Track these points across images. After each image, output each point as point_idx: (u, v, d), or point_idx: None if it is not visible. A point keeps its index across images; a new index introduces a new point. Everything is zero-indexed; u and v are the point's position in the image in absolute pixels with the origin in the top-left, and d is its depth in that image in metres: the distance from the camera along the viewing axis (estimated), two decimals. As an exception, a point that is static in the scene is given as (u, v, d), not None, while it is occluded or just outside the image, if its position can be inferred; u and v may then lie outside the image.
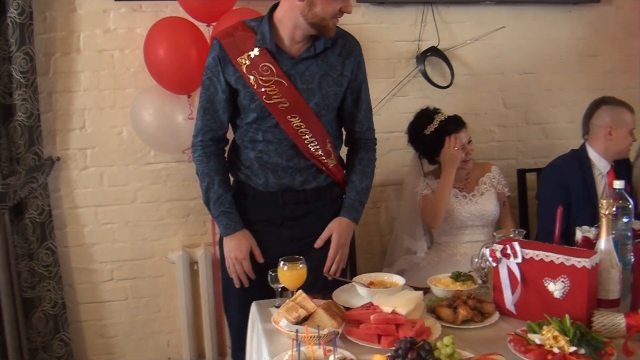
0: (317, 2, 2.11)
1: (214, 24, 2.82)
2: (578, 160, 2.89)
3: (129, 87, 2.99)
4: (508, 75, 3.45)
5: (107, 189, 3.05)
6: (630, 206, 1.99)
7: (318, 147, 2.28)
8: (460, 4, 3.29)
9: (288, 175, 2.30)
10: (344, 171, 2.42)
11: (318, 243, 2.31)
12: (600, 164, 2.88)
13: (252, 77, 2.20)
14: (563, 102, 3.29)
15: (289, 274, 1.97)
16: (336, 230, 2.32)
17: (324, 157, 2.31)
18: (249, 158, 2.32)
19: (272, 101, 2.21)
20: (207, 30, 2.84)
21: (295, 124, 2.24)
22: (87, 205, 3.04)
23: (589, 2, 3.48)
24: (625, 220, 1.98)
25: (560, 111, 3.36)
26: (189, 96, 2.85)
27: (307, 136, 2.26)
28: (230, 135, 2.40)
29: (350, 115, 2.38)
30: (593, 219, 2.00)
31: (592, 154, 2.89)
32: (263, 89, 2.20)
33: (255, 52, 2.20)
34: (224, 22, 2.76)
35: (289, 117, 2.23)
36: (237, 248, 2.29)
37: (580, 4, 3.48)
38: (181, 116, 2.84)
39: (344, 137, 2.47)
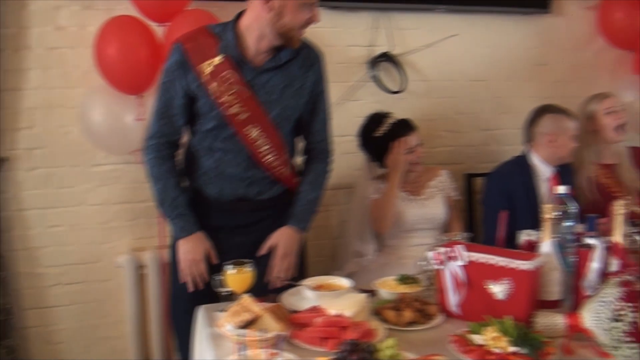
0: (286, 12, 2.10)
1: (167, 24, 2.79)
2: (521, 166, 2.96)
3: (79, 87, 2.92)
4: (459, 82, 3.51)
5: (54, 191, 2.97)
6: (573, 210, 2.04)
7: (275, 157, 2.27)
8: (413, 11, 3.33)
9: (244, 186, 2.29)
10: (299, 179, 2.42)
11: (261, 251, 2.29)
12: (542, 170, 2.95)
13: (213, 86, 2.17)
14: (512, 109, 3.36)
15: (235, 277, 1.96)
16: (281, 239, 2.30)
17: (280, 167, 2.30)
18: (206, 166, 2.30)
19: (231, 111, 2.19)
20: (159, 30, 2.80)
21: (253, 135, 2.23)
22: (35, 207, 2.96)
23: (540, 12, 3.57)
24: (568, 224, 2.03)
25: (509, 118, 3.43)
26: (139, 97, 2.81)
27: (264, 147, 2.25)
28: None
29: (306, 125, 2.37)
30: (537, 223, 2.04)
31: (535, 160, 2.96)
32: (223, 98, 2.18)
33: (218, 59, 2.17)
34: (178, 22, 2.74)
35: (247, 127, 2.21)
36: (194, 250, 2.26)
37: (531, 14, 3.57)
38: (131, 117, 2.80)
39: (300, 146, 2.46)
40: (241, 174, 2.27)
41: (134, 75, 2.74)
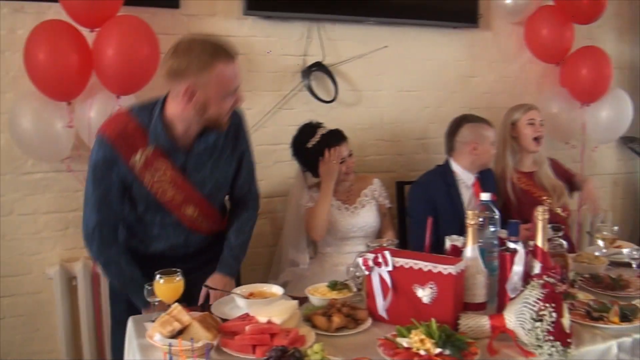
0: (209, 105, 2.11)
1: (98, 29, 2.74)
2: (443, 175, 3.05)
3: (8, 92, 2.84)
4: (390, 92, 3.59)
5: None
6: (496, 217, 2.11)
7: (211, 223, 2.37)
8: (344, 22, 3.39)
9: (183, 249, 2.35)
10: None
11: (199, 302, 2.27)
12: (465, 177, 3.05)
13: (146, 176, 2.18)
14: (441, 119, 3.42)
15: (165, 287, 1.95)
16: (212, 285, 2.30)
17: (216, 227, 2.39)
18: (146, 235, 2.33)
19: (166, 197, 2.22)
20: (90, 36, 2.75)
21: (188, 212, 2.28)
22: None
23: (468, 26, 3.68)
24: (491, 229, 2.10)
25: (439, 127, 3.45)
26: (69, 103, 2.76)
27: (200, 219, 2.31)
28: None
29: (232, 181, 2.43)
30: (462, 229, 2.10)
31: (457, 168, 3.06)
32: (157, 186, 2.20)
33: (149, 150, 2.17)
34: (108, 28, 2.70)
35: (183, 207, 2.26)
36: None
37: (460, 28, 3.68)
38: (60, 124, 2.75)
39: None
40: (181, 242, 2.33)
41: (64, 81, 2.69)
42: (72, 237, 3.00)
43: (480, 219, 2.03)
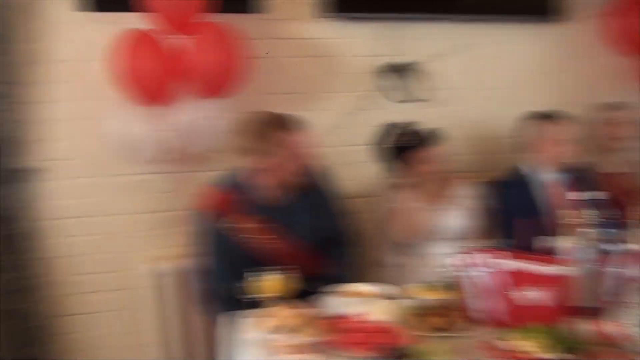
0: (280, 169, 2.39)
1: (184, 35, 2.78)
2: (515, 175, 3.00)
3: (103, 99, 2.92)
4: (470, 90, 3.53)
5: (83, 201, 3.02)
6: (600, 217, 2.03)
7: (314, 267, 2.46)
8: (418, 21, 3.35)
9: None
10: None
11: None
12: (539, 176, 2.95)
13: (246, 236, 2.37)
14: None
15: (266, 283, 2.01)
16: None
17: (319, 269, 2.48)
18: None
19: (268, 251, 2.38)
20: (174, 42, 2.80)
21: (291, 262, 2.35)
22: (64, 217, 3.01)
23: (553, 21, 3.59)
24: (595, 230, 2.02)
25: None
26: (161, 107, 2.83)
27: (303, 265, 2.37)
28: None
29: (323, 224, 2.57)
30: (541, 230, 2.03)
31: (529, 167, 2.99)
32: (258, 244, 2.38)
33: (243, 214, 2.37)
34: (195, 34, 2.76)
35: (285, 259, 2.35)
36: None
37: (545, 22, 3.59)
38: (149, 128, 2.83)
39: None
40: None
41: (152, 87, 2.77)
42: (162, 236, 3.12)
43: (583, 219, 1.98)
